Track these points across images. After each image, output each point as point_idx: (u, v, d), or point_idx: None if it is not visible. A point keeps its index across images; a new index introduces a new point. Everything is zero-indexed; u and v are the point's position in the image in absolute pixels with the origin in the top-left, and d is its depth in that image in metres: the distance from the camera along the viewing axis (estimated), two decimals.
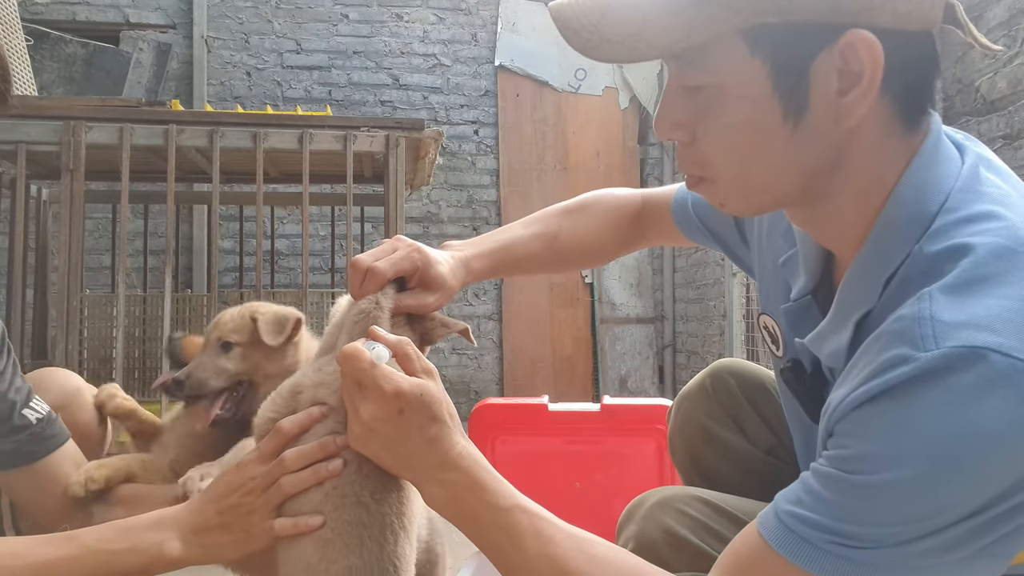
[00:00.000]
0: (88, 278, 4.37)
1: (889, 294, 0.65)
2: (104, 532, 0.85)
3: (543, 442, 1.64)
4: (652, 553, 0.83)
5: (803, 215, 0.73)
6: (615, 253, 1.18)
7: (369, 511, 0.80)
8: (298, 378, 0.89)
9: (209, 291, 3.63)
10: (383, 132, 2.71)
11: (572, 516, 1.64)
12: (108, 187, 3.71)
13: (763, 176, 0.68)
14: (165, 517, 0.86)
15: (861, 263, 0.67)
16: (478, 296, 5.06)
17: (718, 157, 0.69)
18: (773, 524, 0.61)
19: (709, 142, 0.68)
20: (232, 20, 4.89)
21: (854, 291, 0.68)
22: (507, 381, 5.02)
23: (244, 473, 0.84)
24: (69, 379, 1.27)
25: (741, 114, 0.65)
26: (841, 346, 0.69)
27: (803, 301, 0.78)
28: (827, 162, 0.66)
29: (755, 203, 0.72)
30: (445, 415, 0.77)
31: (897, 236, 0.65)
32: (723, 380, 1.08)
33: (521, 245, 1.07)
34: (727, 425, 1.06)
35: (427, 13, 5.09)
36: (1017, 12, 2.40)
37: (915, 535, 0.56)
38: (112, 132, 2.58)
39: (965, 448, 0.54)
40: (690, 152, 0.71)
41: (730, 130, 0.66)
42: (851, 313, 0.68)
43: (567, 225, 1.10)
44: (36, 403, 1.09)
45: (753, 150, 0.67)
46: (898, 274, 0.64)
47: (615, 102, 5.26)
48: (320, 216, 4.76)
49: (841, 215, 0.69)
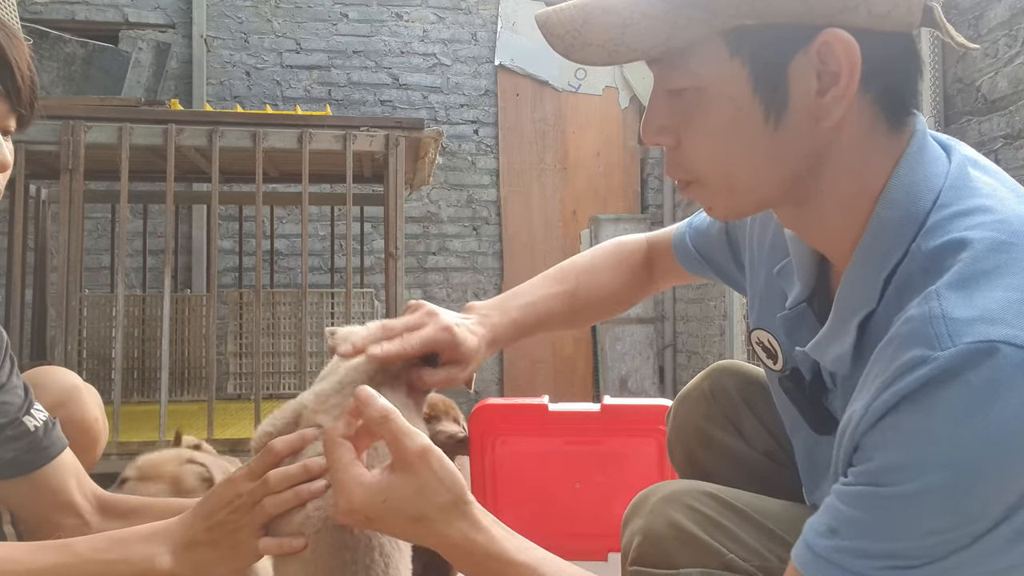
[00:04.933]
0: (87, 278, 4.36)
1: (890, 294, 0.65)
2: (98, 542, 0.86)
3: (543, 442, 1.64)
4: (658, 548, 0.80)
5: (791, 216, 0.73)
6: (631, 301, 1.18)
7: (352, 533, 0.79)
8: (302, 399, 0.88)
9: (209, 291, 3.63)
10: (383, 132, 2.70)
11: (572, 516, 1.64)
12: (107, 187, 3.71)
13: (747, 178, 0.68)
14: (158, 530, 0.86)
15: (857, 265, 0.67)
16: (478, 296, 5.06)
17: (702, 160, 0.69)
18: (819, 566, 0.59)
19: (693, 145, 0.69)
20: (231, 20, 4.88)
21: (853, 294, 0.68)
22: (507, 381, 5.01)
23: (233, 489, 0.84)
24: (67, 377, 1.27)
25: (723, 116, 0.66)
26: (845, 351, 0.68)
27: (798, 309, 0.78)
28: (810, 163, 0.67)
29: (740, 205, 0.72)
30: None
31: (892, 236, 0.65)
32: (720, 382, 1.07)
33: (543, 304, 1.06)
34: (725, 428, 1.05)
35: (427, 12, 5.09)
36: (1018, 12, 2.39)
37: (963, 541, 0.55)
38: (111, 132, 2.58)
39: (990, 446, 0.53)
40: (676, 156, 0.71)
41: (713, 132, 0.67)
42: (852, 317, 0.67)
43: (584, 280, 1.10)
44: (35, 411, 1.08)
45: (736, 152, 0.67)
46: (897, 273, 0.64)
47: (615, 102, 5.26)
48: (320, 216, 4.75)
49: (830, 217, 0.69)
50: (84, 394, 1.27)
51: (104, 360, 3.46)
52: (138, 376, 3.57)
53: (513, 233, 5.10)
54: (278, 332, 3.56)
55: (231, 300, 3.70)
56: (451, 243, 5.06)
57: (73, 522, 1.09)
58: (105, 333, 3.50)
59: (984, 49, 2.52)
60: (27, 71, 0.93)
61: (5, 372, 1.05)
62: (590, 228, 5.13)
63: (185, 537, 0.85)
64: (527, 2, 5.15)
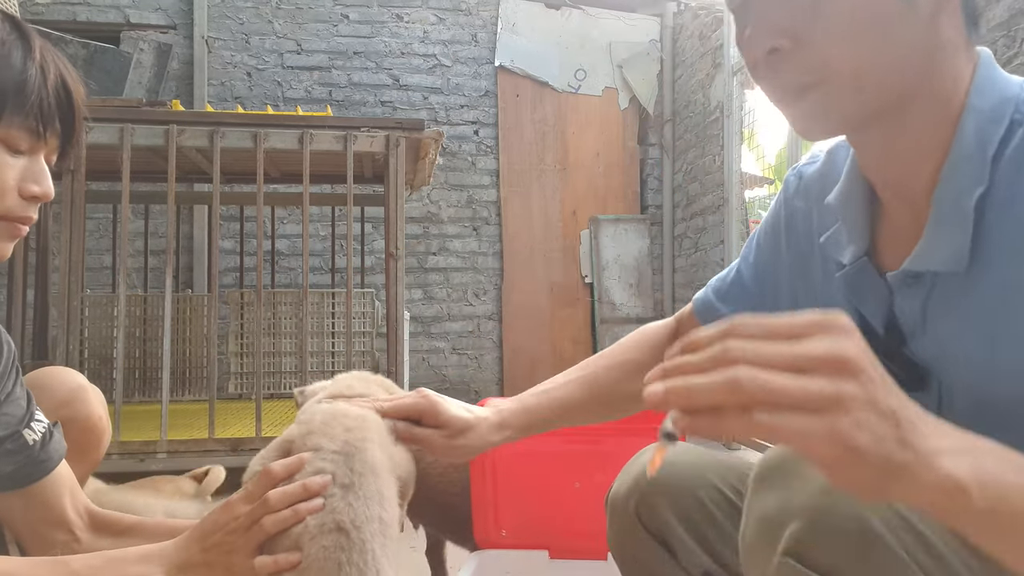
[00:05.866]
0: (89, 278, 4.37)
1: (1004, 168, 0.65)
2: (93, 560, 0.86)
3: (543, 442, 1.64)
4: (829, 547, 0.58)
5: (885, 130, 0.72)
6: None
7: (349, 536, 0.81)
8: (287, 435, 0.92)
9: (210, 291, 3.63)
10: (383, 132, 2.71)
11: (572, 516, 1.64)
12: (109, 187, 3.72)
13: (881, 68, 0.68)
14: (152, 552, 0.87)
15: (958, 155, 0.67)
16: (478, 296, 5.07)
17: (837, 50, 0.67)
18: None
19: (824, 36, 0.67)
20: (232, 20, 4.89)
21: (958, 184, 0.67)
22: (507, 381, 5.02)
23: (229, 512, 0.85)
24: (72, 377, 1.27)
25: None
26: (961, 242, 0.66)
27: (859, 263, 0.77)
28: (923, 60, 0.68)
29: (856, 110, 0.70)
30: None
31: (988, 119, 0.67)
32: (648, 500, 0.92)
33: (558, 390, 1.04)
34: (653, 552, 0.94)
35: (427, 14, 5.10)
36: (1017, 12, 2.40)
37: None
38: (113, 132, 2.59)
39: None
40: (798, 58, 0.69)
41: (850, 15, 0.66)
42: (964, 202, 0.66)
43: (604, 363, 1.07)
44: (35, 422, 1.06)
45: (874, 36, 0.67)
46: (1008, 147, 0.65)
47: (615, 102, 5.26)
48: (320, 216, 4.76)
49: (926, 125, 0.70)
50: (90, 394, 1.27)
51: (106, 360, 3.47)
52: (139, 376, 3.58)
53: (513, 233, 5.10)
54: (279, 332, 3.57)
55: (232, 300, 3.71)
56: (451, 243, 5.07)
57: (63, 537, 1.08)
58: (107, 333, 3.51)
59: None
60: (84, 113, 0.95)
61: (10, 383, 1.04)
62: (590, 228, 5.14)
63: (181, 558, 0.86)
64: (527, 3, 5.16)
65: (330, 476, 0.84)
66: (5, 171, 0.87)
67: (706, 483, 0.90)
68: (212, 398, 2.63)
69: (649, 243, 5.16)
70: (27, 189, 0.89)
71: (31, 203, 0.90)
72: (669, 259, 5.22)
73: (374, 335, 3.60)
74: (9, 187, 0.87)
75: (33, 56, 0.86)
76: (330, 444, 0.87)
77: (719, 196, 4.37)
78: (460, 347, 5.03)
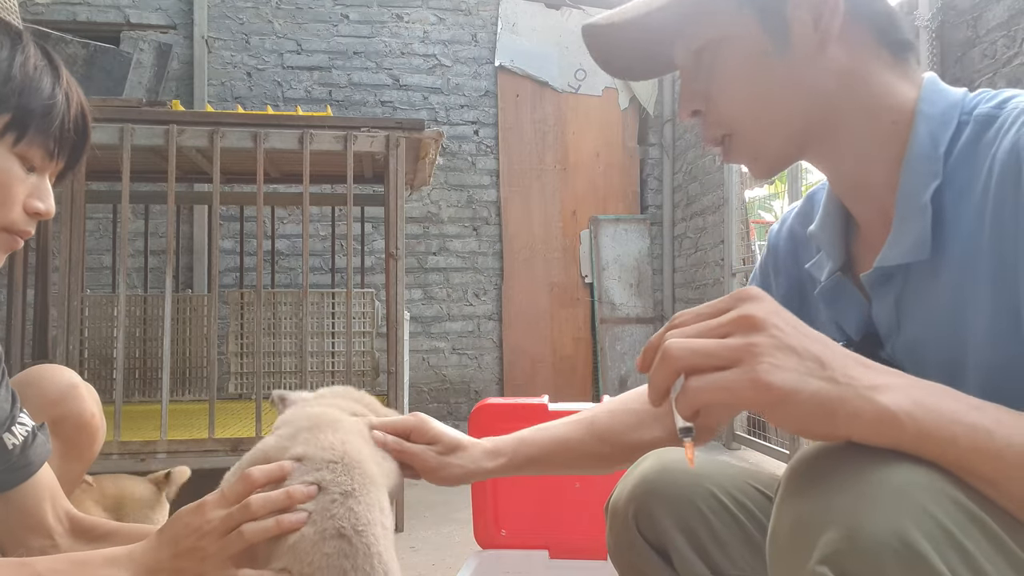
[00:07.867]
0: (89, 278, 4.37)
1: (955, 161, 0.70)
2: (58, 563, 0.82)
3: None
4: (867, 562, 0.52)
5: (827, 152, 0.78)
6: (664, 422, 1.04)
7: (352, 543, 0.78)
8: (263, 446, 0.89)
9: (210, 291, 3.64)
10: (383, 132, 2.71)
11: (572, 516, 1.64)
12: (109, 187, 3.72)
13: (774, 111, 0.76)
14: (120, 555, 0.83)
15: (912, 155, 0.72)
16: (478, 296, 5.07)
17: (732, 104, 0.78)
18: None
19: (722, 94, 0.78)
20: (232, 20, 4.89)
21: (915, 180, 0.72)
22: (507, 381, 5.02)
23: (202, 515, 0.81)
24: (65, 375, 1.26)
25: (741, 55, 0.76)
26: (922, 232, 0.71)
27: (834, 278, 0.82)
28: (829, 88, 0.74)
29: (777, 150, 0.79)
30: None
31: (939, 122, 0.72)
32: (646, 508, 0.92)
33: (556, 428, 1.04)
34: (650, 561, 0.93)
35: (427, 14, 5.10)
36: (1017, 12, 2.40)
37: None
38: (113, 132, 2.59)
39: None
40: (711, 116, 0.80)
41: (736, 72, 0.77)
42: (920, 198, 0.71)
43: (604, 408, 1.06)
44: (17, 426, 1.03)
45: (759, 87, 0.76)
46: (959, 141, 0.70)
47: (615, 103, 5.26)
48: (320, 216, 4.76)
49: (864, 137, 0.75)
50: (82, 391, 1.26)
51: (106, 360, 3.47)
52: (139, 376, 3.58)
53: (513, 233, 5.10)
54: (279, 332, 3.57)
55: (232, 300, 3.71)
56: (451, 243, 5.07)
57: (43, 543, 1.05)
58: (107, 333, 3.51)
59: (983, 50, 2.53)
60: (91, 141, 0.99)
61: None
62: (590, 228, 5.14)
63: (149, 564, 0.81)
64: (527, 3, 5.16)
65: (315, 487, 0.81)
66: (17, 185, 0.90)
67: (704, 491, 0.90)
68: (212, 398, 2.63)
69: (649, 243, 5.17)
70: (32, 205, 0.92)
71: (32, 219, 0.93)
72: (669, 259, 5.22)
73: (374, 335, 3.60)
74: (18, 200, 0.90)
75: (61, 83, 0.92)
76: (323, 454, 0.84)
77: (719, 196, 4.37)
78: (460, 347, 5.03)
